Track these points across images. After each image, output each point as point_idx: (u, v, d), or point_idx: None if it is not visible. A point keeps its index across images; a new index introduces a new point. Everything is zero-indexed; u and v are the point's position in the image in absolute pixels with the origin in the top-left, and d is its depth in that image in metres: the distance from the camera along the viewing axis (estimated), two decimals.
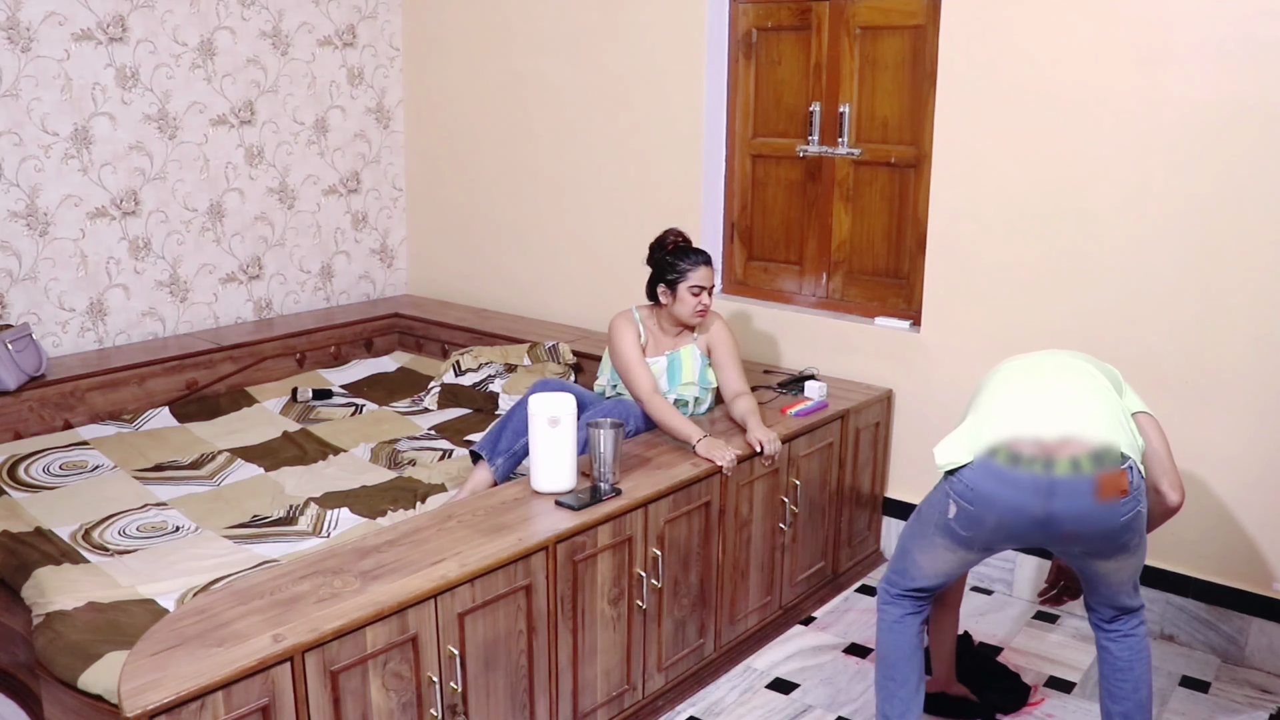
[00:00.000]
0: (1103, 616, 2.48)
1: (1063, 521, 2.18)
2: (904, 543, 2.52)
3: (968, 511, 2.26)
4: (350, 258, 4.87)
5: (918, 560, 2.46)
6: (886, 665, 2.52)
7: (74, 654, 2.27)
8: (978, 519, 2.25)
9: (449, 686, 2.29)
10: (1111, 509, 2.16)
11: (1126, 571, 2.34)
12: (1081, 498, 2.15)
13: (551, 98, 4.39)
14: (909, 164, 3.66)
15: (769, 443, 3.04)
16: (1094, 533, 2.20)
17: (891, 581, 2.53)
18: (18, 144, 3.70)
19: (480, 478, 3.01)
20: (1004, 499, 2.19)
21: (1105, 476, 2.14)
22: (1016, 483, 2.17)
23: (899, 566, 2.52)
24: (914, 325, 3.67)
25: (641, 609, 2.77)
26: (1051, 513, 2.17)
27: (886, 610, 2.53)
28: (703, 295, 3.15)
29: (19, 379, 3.47)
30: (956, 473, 2.28)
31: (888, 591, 2.54)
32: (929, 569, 2.45)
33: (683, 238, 3.23)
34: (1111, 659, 2.47)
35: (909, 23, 3.58)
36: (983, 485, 2.22)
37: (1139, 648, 2.45)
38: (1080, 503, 2.15)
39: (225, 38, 4.23)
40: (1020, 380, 2.35)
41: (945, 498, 2.32)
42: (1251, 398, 3.02)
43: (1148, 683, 2.47)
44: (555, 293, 4.56)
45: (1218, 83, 2.94)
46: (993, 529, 2.26)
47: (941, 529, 2.35)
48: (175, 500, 3.06)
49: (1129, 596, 2.42)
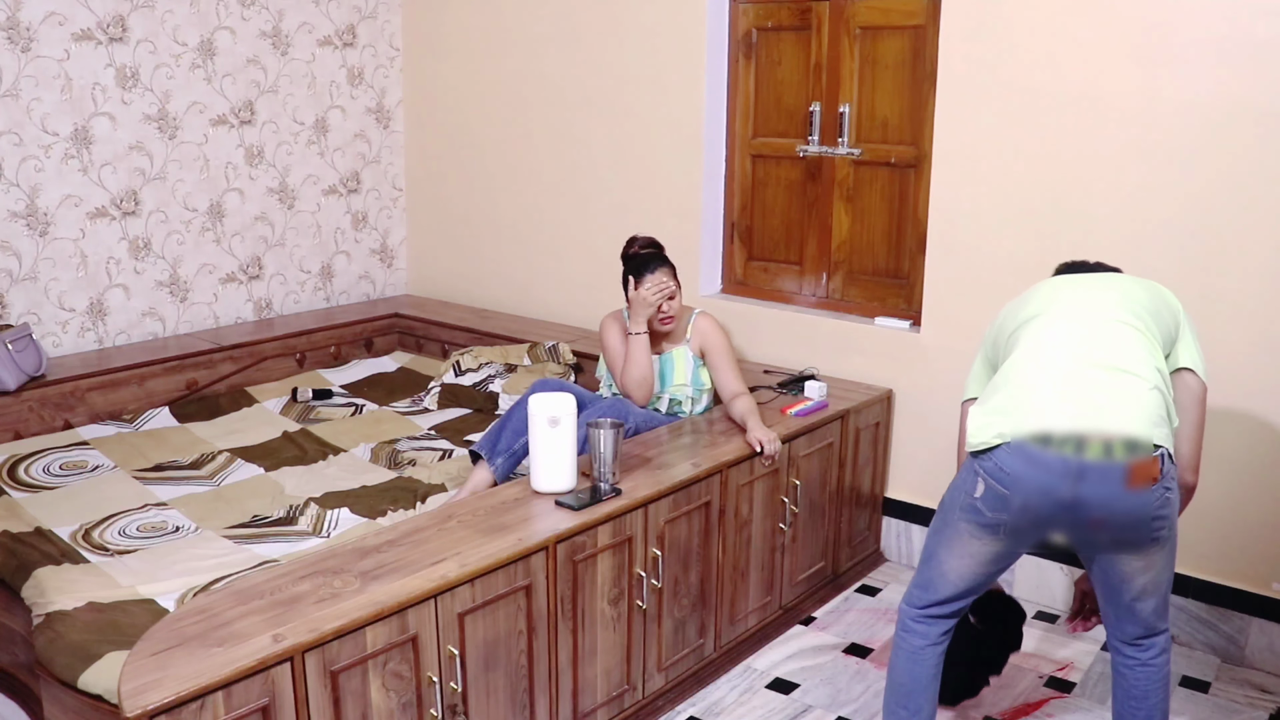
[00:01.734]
0: (1123, 636, 2.34)
1: (1090, 507, 2.10)
2: (928, 547, 2.40)
3: (995, 491, 2.17)
4: (350, 258, 4.87)
5: (942, 561, 2.34)
6: (901, 694, 2.41)
7: (74, 654, 2.26)
8: (1005, 499, 2.16)
9: (449, 686, 2.29)
10: (1141, 497, 2.09)
11: (1153, 573, 2.23)
12: (1112, 483, 2.07)
13: (551, 98, 4.39)
14: (909, 164, 3.66)
15: (769, 443, 3.04)
16: (1122, 520, 2.12)
17: (913, 599, 2.41)
18: (18, 144, 3.70)
19: (480, 477, 3.01)
20: (1032, 479, 2.12)
21: (1137, 464, 2.07)
22: (1046, 464, 2.10)
23: (922, 579, 2.40)
24: (914, 325, 3.67)
25: (641, 609, 2.77)
26: (1080, 497, 2.09)
27: (907, 637, 2.41)
28: (662, 302, 3.20)
29: (19, 379, 3.47)
30: (987, 452, 2.19)
31: (911, 610, 2.41)
32: (954, 569, 2.32)
33: (640, 245, 3.31)
34: (1127, 685, 2.35)
35: (909, 23, 3.58)
36: (1012, 465, 2.14)
37: (1156, 678, 2.32)
38: (1110, 489, 2.08)
39: (225, 38, 4.23)
40: (1056, 352, 2.21)
41: (973, 476, 2.22)
42: (1251, 398, 3.02)
43: (1163, 710, 2.35)
44: (555, 293, 4.56)
45: (1218, 83, 2.95)
46: (1019, 510, 2.16)
47: (966, 510, 2.25)
48: (175, 500, 3.06)
49: (1155, 615, 2.29)
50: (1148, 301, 2.30)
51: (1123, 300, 2.28)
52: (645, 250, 3.30)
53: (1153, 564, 2.22)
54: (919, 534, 3.72)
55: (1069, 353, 2.21)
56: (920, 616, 2.40)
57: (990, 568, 2.32)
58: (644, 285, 3.18)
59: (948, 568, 2.34)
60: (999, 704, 2.96)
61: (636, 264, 3.24)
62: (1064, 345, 2.23)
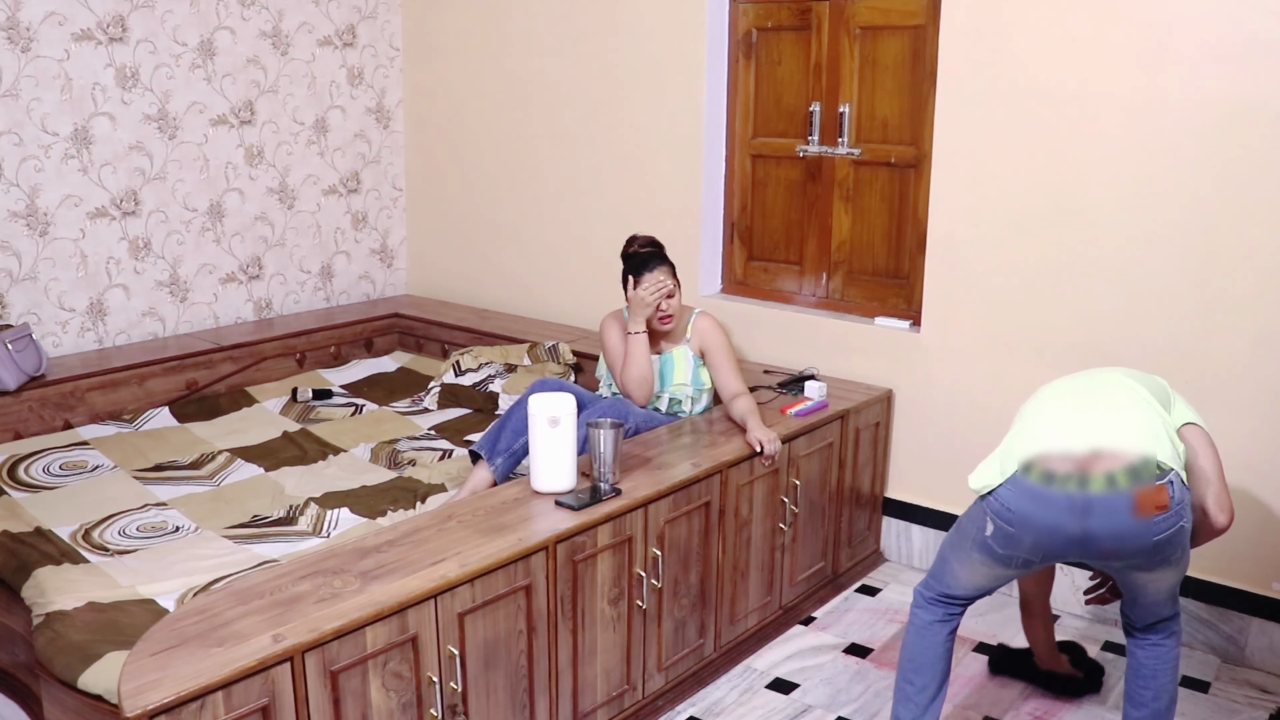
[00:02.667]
0: (1135, 623, 2.45)
1: (1100, 540, 2.12)
2: (944, 551, 2.46)
3: (1005, 531, 2.21)
4: (350, 258, 4.87)
5: (955, 571, 2.41)
6: (909, 667, 2.47)
7: (74, 654, 2.26)
8: (1015, 539, 2.21)
9: (449, 686, 2.29)
10: (1149, 526, 2.09)
11: (1166, 583, 2.30)
12: (1118, 515, 2.08)
13: (551, 98, 4.39)
14: (909, 164, 3.66)
15: (769, 443, 3.04)
16: (1133, 549, 2.13)
17: (928, 585, 2.48)
18: (18, 144, 3.70)
19: (480, 477, 3.01)
20: (1040, 519, 2.14)
21: (1143, 493, 2.06)
22: (1052, 501, 2.12)
23: (937, 571, 2.47)
24: (914, 325, 3.67)
25: (641, 609, 2.77)
26: (1089, 531, 2.11)
27: (919, 613, 2.48)
28: (661, 301, 3.20)
29: (19, 379, 3.47)
30: (993, 492, 2.23)
31: (923, 594, 2.48)
32: (965, 581, 2.40)
33: (640, 244, 3.31)
34: (1136, 664, 2.45)
35: (909, 23, 3.58)
36: (1018, 505, 2.16)
37: (1165, 657, 2.42)
38: (1117, 520, 2.08)
39: (225, 38, 4.23)
40: (1054, 399, 2.31)
41: (983, 515, 2.28)
42: (1251, 398, 3.02)
43: (1170, 694, 2.44)
44: (555, 293, 4.56)
45: (1218, 83, 2.94)
46: (1030, 548, 2.22)
47: (979, 545, 2.31)
48: (175, 500, 3.06)
49: (1165, 607, 2.39)
50: (1136, 378, 2.35)
51: (1113, 372, 2.37)
52: (644, 249, 3.30)
53: (1165, 576, 2.29)
54: (919, 534, 3.72)
55: (1065, 399, 2.29)
56: (932, 600, 2.47)
57: (1002, 582, 2.42)
58: (642, 284, 3.18)
59: (960, 575, 2.42)
60: (999, 704, 2.96)
61: (635, 263, 3.24)
62: (1059, 397, 2.31)
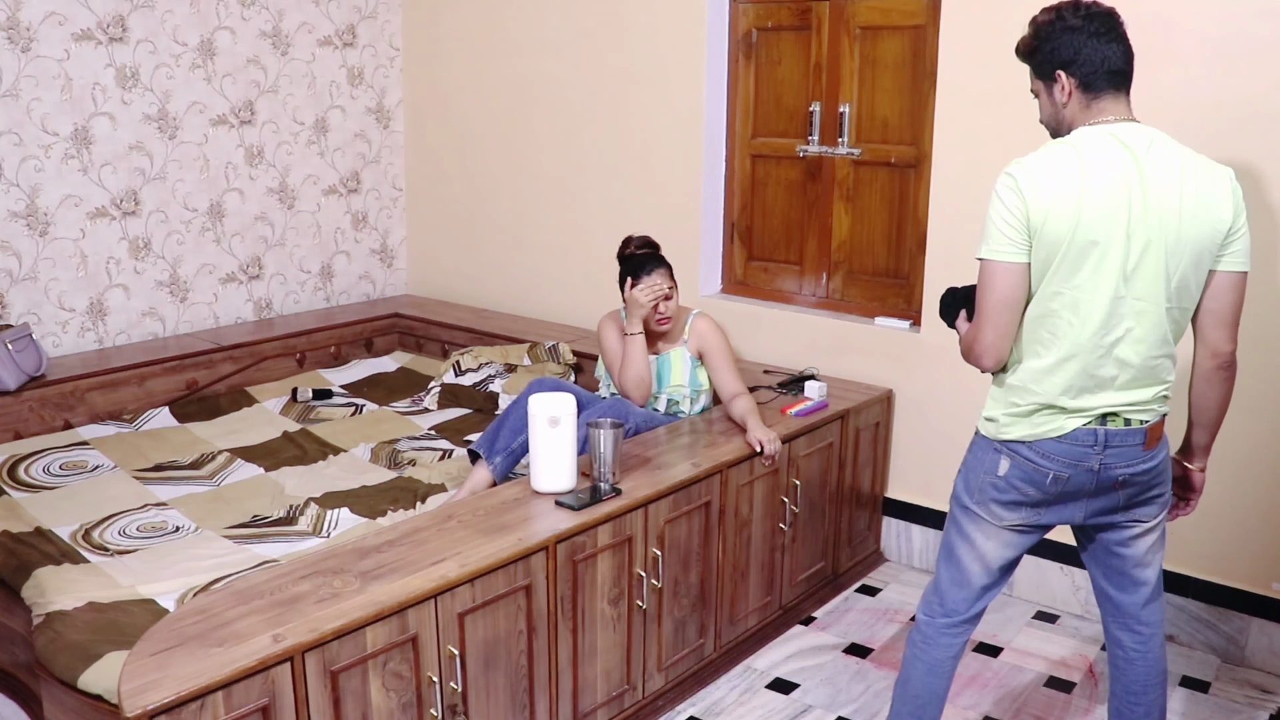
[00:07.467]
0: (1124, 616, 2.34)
1: (1113, 468, 2.20)
2: (943, 551, 2.38)
3: (1023, 467, 2.20)
4: (350, 258, 4.87)
5: (960, 559, 2.32)
6: (916, 704, 2.39)
7: (74, 654, 2.26)
8: (1031, 475, 2.20)
9: (449, 686, 2.29)
10: (1151, 454, 2.23)
11: (1154, 535, 2.28)
12: (1132, 448, 2.20)
13: (552, 97, 4.39)
14: (909, 164, 3.66)
15: (769, 443, 3.04)
16: (1141, 479, 2.23)
17: (931, 611, 2.37)
18: (18, 144, 3.70)
19: (479, 477, 3.01)
20: (1063, 452, 2.19)
21: (1153, 428, 2.22)
22: (1074, 438, 2.18)
23: (938, 585, 2.37)
24: (914, 325, 3.67)
25: (641, 609, 2.77)
26: (1105, 462, 2.20)
27: (929, 650, 2.36)
28: (657, 303, 3.20)
29: (19, 379, 3.47)
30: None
31: (934, 624, 2.37)
32: (970, 560, 2.30)
33: (636, 245, 3.30)
34: (1125, 680, 2.37)
35: (909, 23, 3.58)
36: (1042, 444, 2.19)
37: (1155, 672, 2.35)
38: (1130, 453, 2.20)
39: (225, 38, 4.23)
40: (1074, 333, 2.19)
41: (994, 454, 2.23)
42: (1251, 398, 3.02)
43: (1161, 708, 2.37)
44: (555, 293, 4.56)
45: (1218, 83, 2.94)
46: (1049, 484, 2.20)
47: (985, 490, 2.24)
48: (175, 500, 3.06)
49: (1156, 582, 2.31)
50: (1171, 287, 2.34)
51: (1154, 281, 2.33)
52: (641, 251, 3.29)
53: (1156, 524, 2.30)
54: (919, 534, 3.72)
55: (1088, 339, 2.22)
56: (946, 628, 2.36)
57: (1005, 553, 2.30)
58: (639, 287, 3.18)
59: (965, 558, 2.31)
60: (999, 704, 2.96)
61: (632, 265, 3.24)
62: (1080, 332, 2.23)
